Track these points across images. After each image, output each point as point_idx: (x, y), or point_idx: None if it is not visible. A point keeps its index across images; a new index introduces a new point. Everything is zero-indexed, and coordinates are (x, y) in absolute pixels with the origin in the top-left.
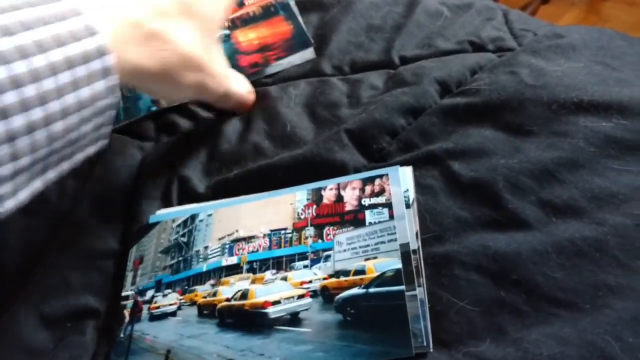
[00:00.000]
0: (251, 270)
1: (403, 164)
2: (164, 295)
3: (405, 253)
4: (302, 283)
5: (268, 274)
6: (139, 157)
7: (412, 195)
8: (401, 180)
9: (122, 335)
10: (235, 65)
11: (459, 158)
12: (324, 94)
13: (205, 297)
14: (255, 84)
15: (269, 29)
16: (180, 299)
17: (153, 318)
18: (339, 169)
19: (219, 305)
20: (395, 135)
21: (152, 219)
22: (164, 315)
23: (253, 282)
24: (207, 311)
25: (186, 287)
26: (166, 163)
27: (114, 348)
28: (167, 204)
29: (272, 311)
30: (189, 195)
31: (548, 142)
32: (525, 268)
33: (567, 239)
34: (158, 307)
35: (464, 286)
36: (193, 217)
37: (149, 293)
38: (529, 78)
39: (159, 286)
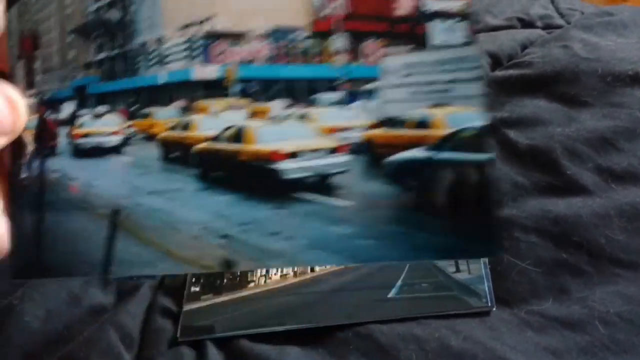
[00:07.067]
0: (245, 94)
1: None
2: (96, 116)
3: None
4: (332, 129)
5: (276, 106)
6: None
7: None
8: None
9: (24, 174)
10: None
11: (514, 126)
12: None
13: (171, 130)
14: None
15: None
16: (128, 126)
17: (80, 153)
18: None
19: (197, 147)
20: None
21: None
22: (99, 151)
23: (252, 115)
24: (176, 152)
25: (135, 108)
26: None
27: (11, 194)
28: None
29: (287, 168)
30: None
31: (604, 112)
32: (586, 230)
33: (627, 203)
34: (86, 135)
35: (524, 248)
36: None
37: (67, 108)
38: (583, 51)
39: (82, 98)
